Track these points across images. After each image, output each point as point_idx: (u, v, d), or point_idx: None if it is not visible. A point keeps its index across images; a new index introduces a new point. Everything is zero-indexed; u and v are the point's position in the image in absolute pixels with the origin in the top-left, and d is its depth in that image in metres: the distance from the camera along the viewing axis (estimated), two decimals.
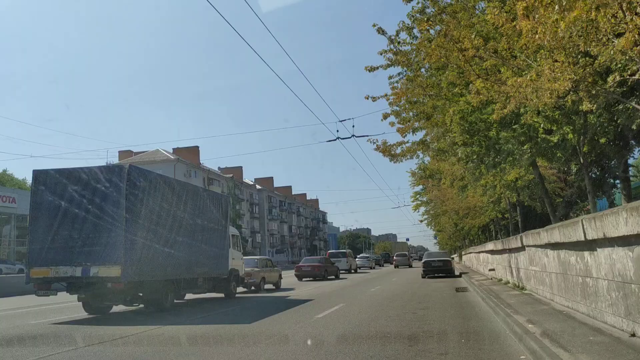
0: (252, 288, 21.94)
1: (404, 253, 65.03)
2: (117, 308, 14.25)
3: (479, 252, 32.45)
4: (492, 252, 24.03)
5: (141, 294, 13.31)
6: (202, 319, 12.15)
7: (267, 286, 23.04)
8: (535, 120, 11.91)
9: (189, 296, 17.71)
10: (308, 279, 30.52)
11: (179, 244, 14.31)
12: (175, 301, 15.04)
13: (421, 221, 57.71)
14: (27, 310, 15.40)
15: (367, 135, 18.16)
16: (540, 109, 10.92)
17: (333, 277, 32.12)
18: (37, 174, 12.91)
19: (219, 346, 8.28)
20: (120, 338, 9.16)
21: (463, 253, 55.10)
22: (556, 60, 8.17)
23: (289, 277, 30.83)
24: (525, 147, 13.92)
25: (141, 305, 13.92)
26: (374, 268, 54.30)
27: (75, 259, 12.11)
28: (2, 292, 22.72)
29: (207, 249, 16.08)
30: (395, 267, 55.31)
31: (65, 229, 12.33)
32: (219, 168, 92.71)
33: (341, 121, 26.99)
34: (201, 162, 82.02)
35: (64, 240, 12.29)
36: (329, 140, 24.16)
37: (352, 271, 41.65)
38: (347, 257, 41.07)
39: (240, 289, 21.38)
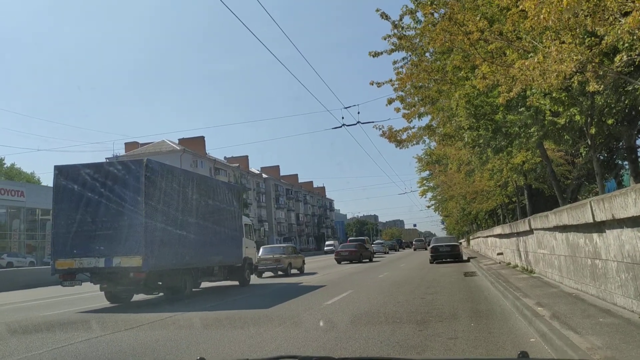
0: (280, 273, 24.15)
1: (421, 239, 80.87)
2: (138, 297, 14.64)
3: (487, 237, 32.42)
4: (500, 236, 24.00)
5: (160, 283, 13.71)
6: (217, 306, 12.47)
7: (293, 271, 25.05)
8: (542, 102, 11.82)
9: (205, 284, 18.01)
10: (346, 262, 34.24)
11: (195, 235, 14.79)
12: (192, 289, 15.40)
13: (428, 207, 57.74)
14: (52, 300, 15.69)
15: (373, 122, 18.09)
16: (546, 91, 10.83)
17: (367, 260, 36.12)
18: (58, 169, 13.35)
19: (230, 332, 8.33)
20: (137, 327, 9.26)
21: (471, 238, 55.04)
22: (563, 42, 8.08)
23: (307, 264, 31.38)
24: (532, 129, 13.84)
25: (161, 294, 14.38)
26: (388, 253, 57.41)
27: (98, 251, 12.60)
28: (20, 284, 23.22)
29: (221, 239, 16.60)
30: (414, 249, 66.03)
31: (87, 222, 12.77)
32: (225, 158, 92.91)
33: (346, 108, 26.88)
34: (207, 152, 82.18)
35: (86, 232, 12.74)
36: (335, 127, 24.23)
37: None
38: (365, 244, 43.55)
39: (268, 274, 24.12)
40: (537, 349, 6.18)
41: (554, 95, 11.51)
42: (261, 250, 25.34)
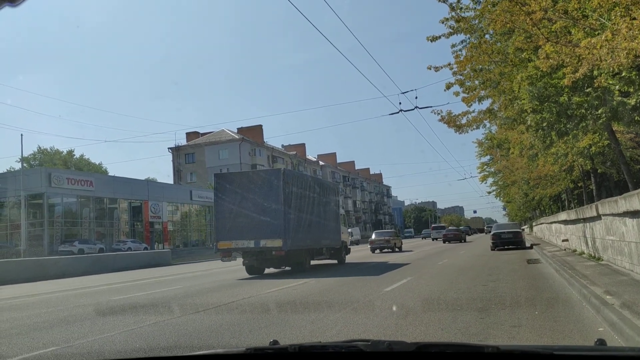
0: (386, 250, 34.10)
1: (491, 225, 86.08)
2: (268, 270, 18.90)
3: (551, 223, 31.44)
4: (565, 222, 23.23)
5: (286, 260, 17.66)
6: (334, 273, 16.83)
7: (396, 249, 34.76)
8: (611, 82, 11.29)
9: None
10: (448, 241, 47.65)
11: (313, 224, 19.11)
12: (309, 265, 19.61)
13: (489, 193, 56.61)
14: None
15: (431, 107, 17.78)
16: (615, 70, 10.33)
17: (464, 241, 49.56)
18: (217, 175, 18.77)
19: (296, 315, 8.47)
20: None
21: (534, 224, 53.55)
22: (634, 18, 7.68)
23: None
24: (599, 111, 13.26)
25: (288, 268, 18.56)
26: None
27: (249, 235, 16.96)
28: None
29: (328, 227, 21.00)
30: (486, 233, 76.44)
31: (241, 214, 17.08)
32: (282, 146, 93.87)
33: (403, 93, 26.51)
34: (265, 140, 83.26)
35: (240, 222, 17.09)
36: (392, 113, 23.88)
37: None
38: (445, 230, 58.22)
39: (377, 252, 33.59)
40: (606, 338, 5.94)
41: (623, 74, 10.97)
42: (373, 235, 36.70)
